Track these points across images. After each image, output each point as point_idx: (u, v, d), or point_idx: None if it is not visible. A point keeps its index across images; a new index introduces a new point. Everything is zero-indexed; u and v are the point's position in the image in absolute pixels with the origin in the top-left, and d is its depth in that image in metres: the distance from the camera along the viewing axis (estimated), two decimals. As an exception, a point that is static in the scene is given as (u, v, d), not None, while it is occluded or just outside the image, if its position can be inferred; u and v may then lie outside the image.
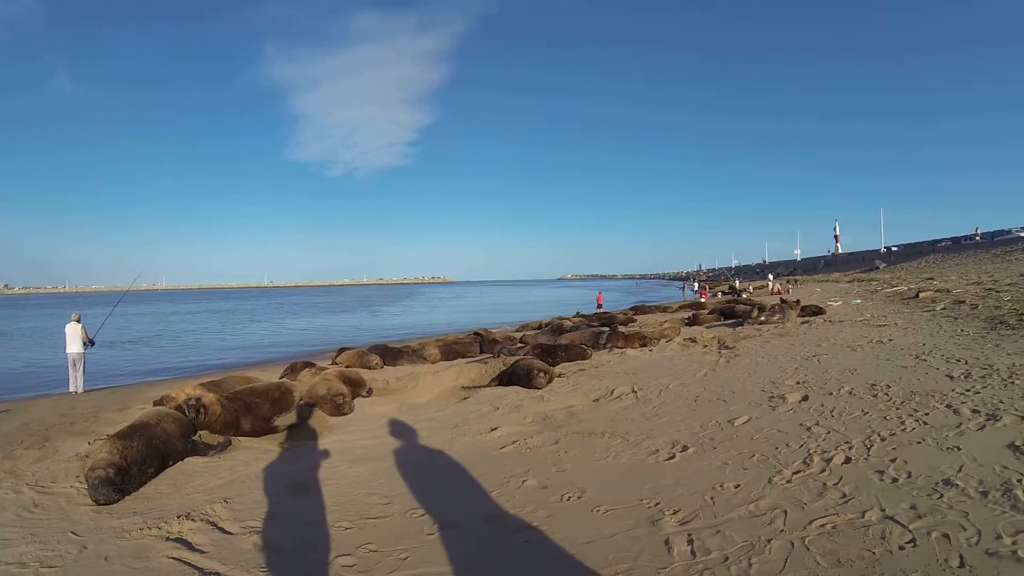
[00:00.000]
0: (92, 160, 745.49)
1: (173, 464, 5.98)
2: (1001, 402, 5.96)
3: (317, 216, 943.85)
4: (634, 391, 8.53)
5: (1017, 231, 58.03)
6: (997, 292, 18.01)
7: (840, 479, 4.39)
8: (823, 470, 4.63)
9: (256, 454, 6.66)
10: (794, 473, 4.63)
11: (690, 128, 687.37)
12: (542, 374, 9.73)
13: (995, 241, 57.01)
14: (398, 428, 7.54)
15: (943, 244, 68.19)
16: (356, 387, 9.67)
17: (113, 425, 7.77)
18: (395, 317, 47.25)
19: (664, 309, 29.33)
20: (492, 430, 6.97)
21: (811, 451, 5.10)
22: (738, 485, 4.52)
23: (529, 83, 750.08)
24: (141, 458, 5.60)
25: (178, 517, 4.63)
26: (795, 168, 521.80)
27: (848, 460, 4.78)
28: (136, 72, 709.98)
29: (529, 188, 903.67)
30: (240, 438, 7.21)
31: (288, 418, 7.89)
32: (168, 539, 4.27)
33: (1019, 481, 3.99)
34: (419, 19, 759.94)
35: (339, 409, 8.48)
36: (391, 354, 13.99)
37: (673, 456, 5.42)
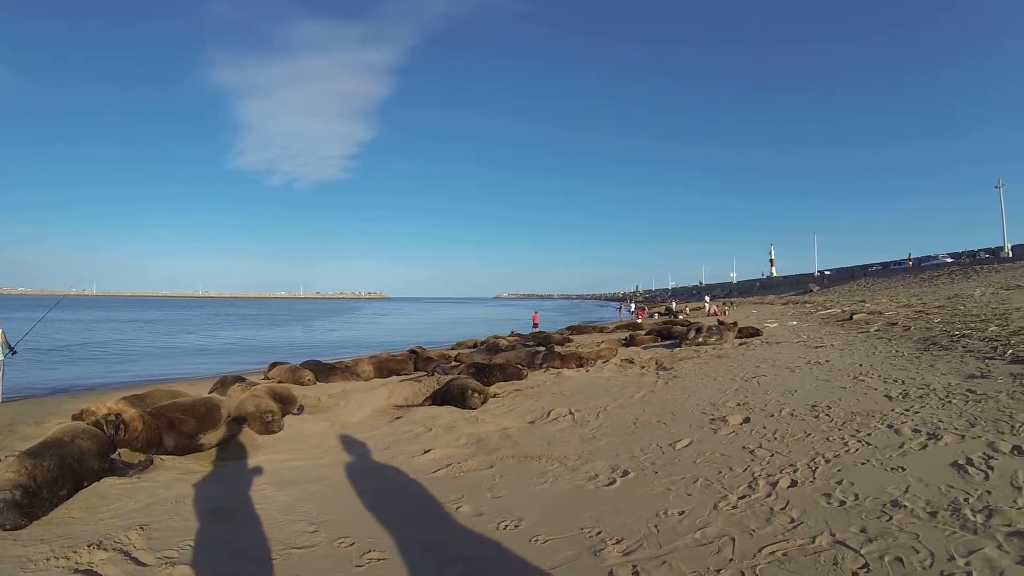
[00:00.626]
0: (24, 157, 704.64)
1: (88, 485, 5.53)
2: (940, 421, 6.12)
3: (255, 226, 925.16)
4: (571, 413, 8.43)
5: (943, 257, 61.36)
6: (927, 314, 18.87)
7: (787, 503, 4.35)
8: (769, 494, 4.59)
9: (178, 475, 6.27)
10: (740, 498, 4.58)
11: (629, 151, 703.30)
12: (476, 394, 9.64)
13: (922, 266, 60.12)
14: (328, 448, 7.31)
15: (873, 268, 71.53)
16: (287, 404, 9.36)
17: (29, 440, 7.18)
18: (330, 332, 46.79)
19: (601, 329, 29.71)
20: (425, 452, 6.79)
21: (756, 475, 5.07)
22: (683, 512, 4.42)
23: (472, 102, 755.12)
24: (52, 478, 5.13)
25: (89, 545, 4.22)
26: (731, 194, 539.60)
27: (794, 483, 4.77)
28: (77, 68, 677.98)
29: (468, 206, 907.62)
30: (163, 457, 6.81)
31: (214, 436, 7.57)
32: (76, 571, 3.87)
33: (966, 500, 4.04)
34: (366, 32, 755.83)
35: (268, 427, 8.20)
36: (324, 370, 13.90)
37: (613, 481, 5.31)
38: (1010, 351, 9.71)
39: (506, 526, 4.43)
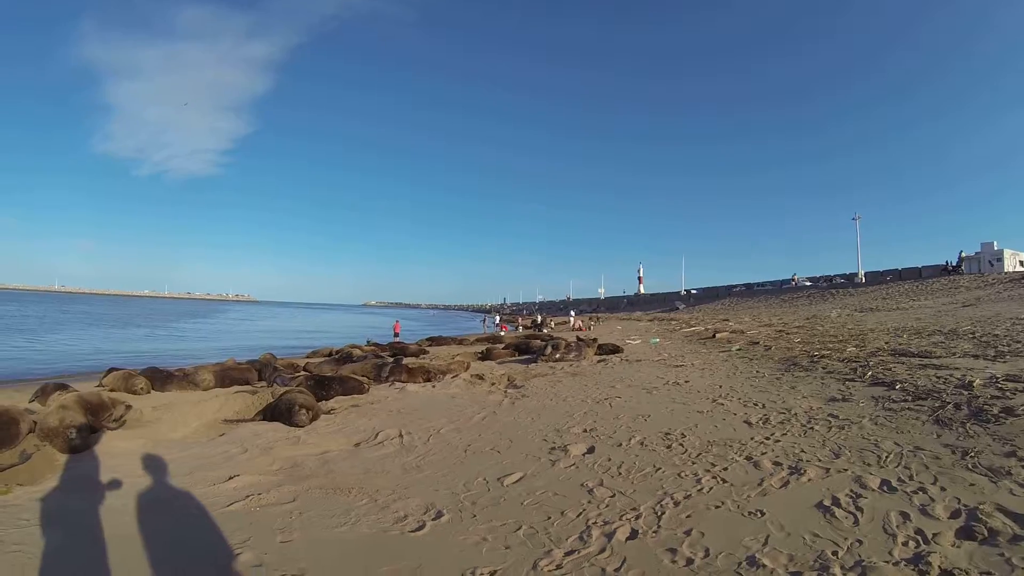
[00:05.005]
0: None
1: None
2: (803, 451, 5.82)
3: (120, 220, 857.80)
4: (401, 435, 7.73)
5: (802, 281, 66.27)
6: (788, 334, 19.58)
7: (624, 562, 3.71)
8: (603, 549, 3.93)
9: (-49, 506, 5.25)
10: (567, 554, 3.89)
11: (498, 167, 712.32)
12: (304, 411, 8.91)
13: (783, 288, 64.58)
14: (128, 472, 6.35)
15: (738, 289, 76.03)
16: (101, 416, 8.33)
17: None
18: (186, 336, 44.07)
19: (461, 341, 29.63)
20: (230, 478, 5.97)
21: (591, 522, 4.42)
22: (494, 572, 3.72)
23: (353, 106, 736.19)
24: None
25: None
26: (601, 212, 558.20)
27: (634, 534, 4.15)
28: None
29: (339, 212, 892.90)
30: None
31: (9, 456, 6.61)
32: None
33: (835, 554, 3.60)
34: (250, 24, 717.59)
35: (71, 445, 7.20)
36: (161, 378, 12.81)
37: (423, 525, 4.57)
38: (869, 373, 9.84)
39: (284, 582, 3.74)
